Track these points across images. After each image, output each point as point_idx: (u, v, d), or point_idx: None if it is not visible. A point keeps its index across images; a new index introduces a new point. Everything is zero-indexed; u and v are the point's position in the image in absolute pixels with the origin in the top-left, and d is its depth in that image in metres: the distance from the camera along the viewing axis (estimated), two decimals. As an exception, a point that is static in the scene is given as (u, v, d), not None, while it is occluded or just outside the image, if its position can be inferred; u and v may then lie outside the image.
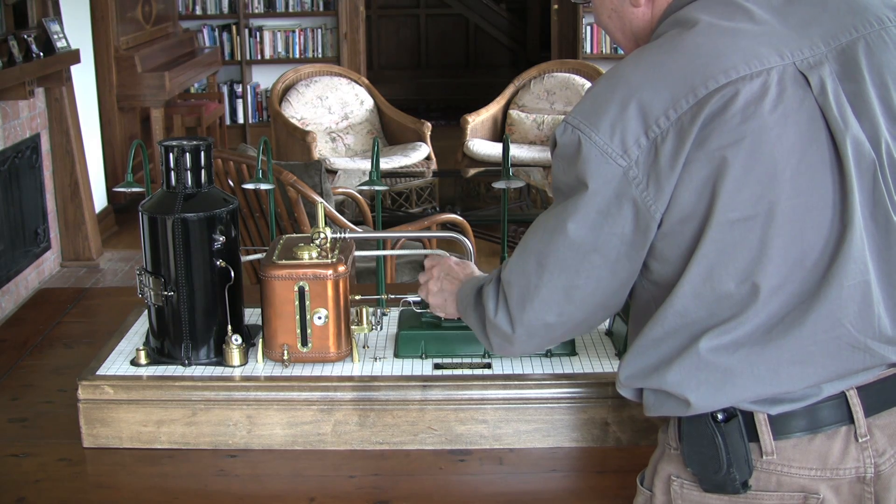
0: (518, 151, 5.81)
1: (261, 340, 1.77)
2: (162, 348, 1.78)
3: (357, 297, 1.88)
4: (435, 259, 1.62)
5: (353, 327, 1.79)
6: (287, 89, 6.10)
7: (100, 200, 5.75)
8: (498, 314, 1.30)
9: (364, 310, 1.82)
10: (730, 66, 1.14)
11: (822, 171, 1.15)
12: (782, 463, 1.19)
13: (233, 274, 1.75)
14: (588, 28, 7.44)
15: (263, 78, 7.73)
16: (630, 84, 1.17)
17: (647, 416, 1.27)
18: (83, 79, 5.54)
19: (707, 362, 1.17)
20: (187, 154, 1.74)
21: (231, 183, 3.45)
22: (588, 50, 7.46)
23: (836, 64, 1.18)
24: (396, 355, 1.79)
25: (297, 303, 1.71)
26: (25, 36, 4.58)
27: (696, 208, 1.15)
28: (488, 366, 1.74)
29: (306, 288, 1.71)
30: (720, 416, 1.19)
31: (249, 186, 2.10)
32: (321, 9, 7.70)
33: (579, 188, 1.18)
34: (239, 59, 7.70)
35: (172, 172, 1.75)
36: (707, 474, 1.21)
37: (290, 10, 7.71)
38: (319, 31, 7.70)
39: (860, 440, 1.19)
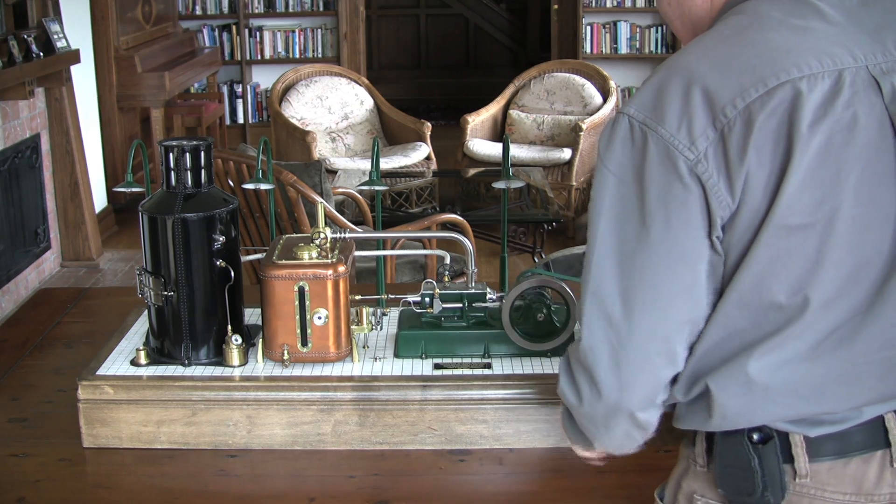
0: (518, 151, 5.81)
1: (261, 340, 1.77)
2: (162, 348, 1.78)
3: (357, 297, 1.88)
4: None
5: (353, 327, 1.79)
6: (287, 89, 6.09)
7: (100, 200, 5.75)
8: (589, 399, 1.17)
9: (364, 310, 1.82)
10: (801, 60, 1.07)
11: (885, 183, 1.09)
12: (816, 486, 1.14)
13: (233, 274, 1.75)
14: (588, 28, 7.44)
15: (263, 78, 7.73)
16: (693, 72, 1.09)
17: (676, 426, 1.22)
18: (83, 79, 5.54)
19: (750, 378, 1.11)
20: (187, 154, 1.74)
21: (231, 183, 3.45)
22: (588, 50, 7.46)
23: None
24: (396, 355, 1.79)
25: (297, 303, 1.71)
26: (25, 36, 4.58)
27: (759, 209, 1.07)
28: (488, 366, 1.74)
29: (306, 288, 1.71)
30: (756, 437, 1.14)
31: (249, 186, 2.10)
32: (321, 9, 7.70)
33: (644, 190, 1.10)
34: (239, 59, 7.69)
35: (172, 172, 1.75)
36: (739, 497, 1.16)
37: (290, 10, 7.70)
38: (319, 31, 7.70)
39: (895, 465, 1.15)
